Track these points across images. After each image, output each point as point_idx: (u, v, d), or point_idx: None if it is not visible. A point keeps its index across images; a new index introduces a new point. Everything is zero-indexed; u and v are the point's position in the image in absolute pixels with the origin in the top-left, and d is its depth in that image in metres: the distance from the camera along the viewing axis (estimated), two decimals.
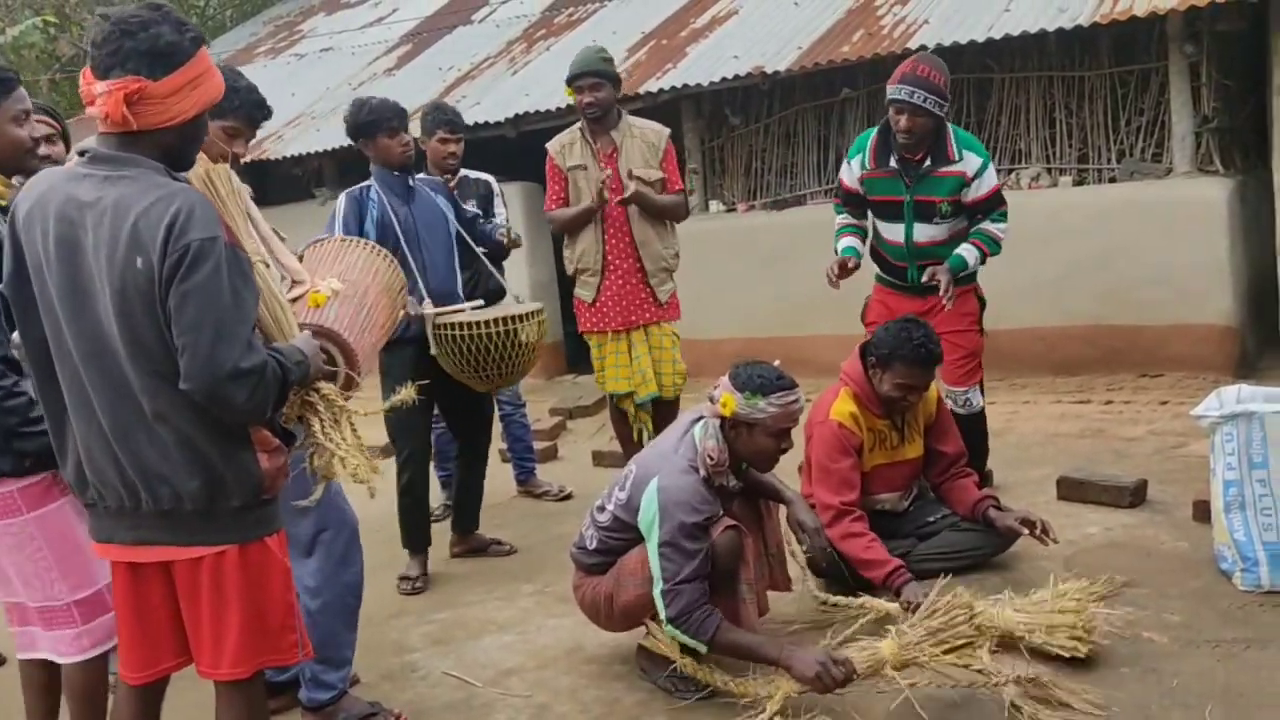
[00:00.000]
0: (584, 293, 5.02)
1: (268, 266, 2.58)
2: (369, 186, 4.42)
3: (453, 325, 4.19)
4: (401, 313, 3.23)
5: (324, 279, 2.94)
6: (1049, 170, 7.06)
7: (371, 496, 2.61)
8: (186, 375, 2.18)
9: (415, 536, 4.60)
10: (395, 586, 4.48)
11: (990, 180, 4.37)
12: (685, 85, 7.75)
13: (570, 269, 5.07)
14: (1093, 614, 3.24)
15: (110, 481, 2.33)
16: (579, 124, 4.99)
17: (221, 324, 2.18)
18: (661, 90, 7.83)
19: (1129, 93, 6.85)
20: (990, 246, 4.39)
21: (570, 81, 4.90)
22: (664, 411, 5.01)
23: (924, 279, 4.33)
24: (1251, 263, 6.64)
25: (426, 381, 3.41)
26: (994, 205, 4.41)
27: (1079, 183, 6.95)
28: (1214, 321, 6.39)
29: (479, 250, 4.71)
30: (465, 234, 4.65)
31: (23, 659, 3.02)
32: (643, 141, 4.93)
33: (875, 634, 3.44)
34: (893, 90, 4.25)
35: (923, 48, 6.81)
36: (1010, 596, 3.34)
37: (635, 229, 4.90)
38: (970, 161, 4.33)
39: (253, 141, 4.44)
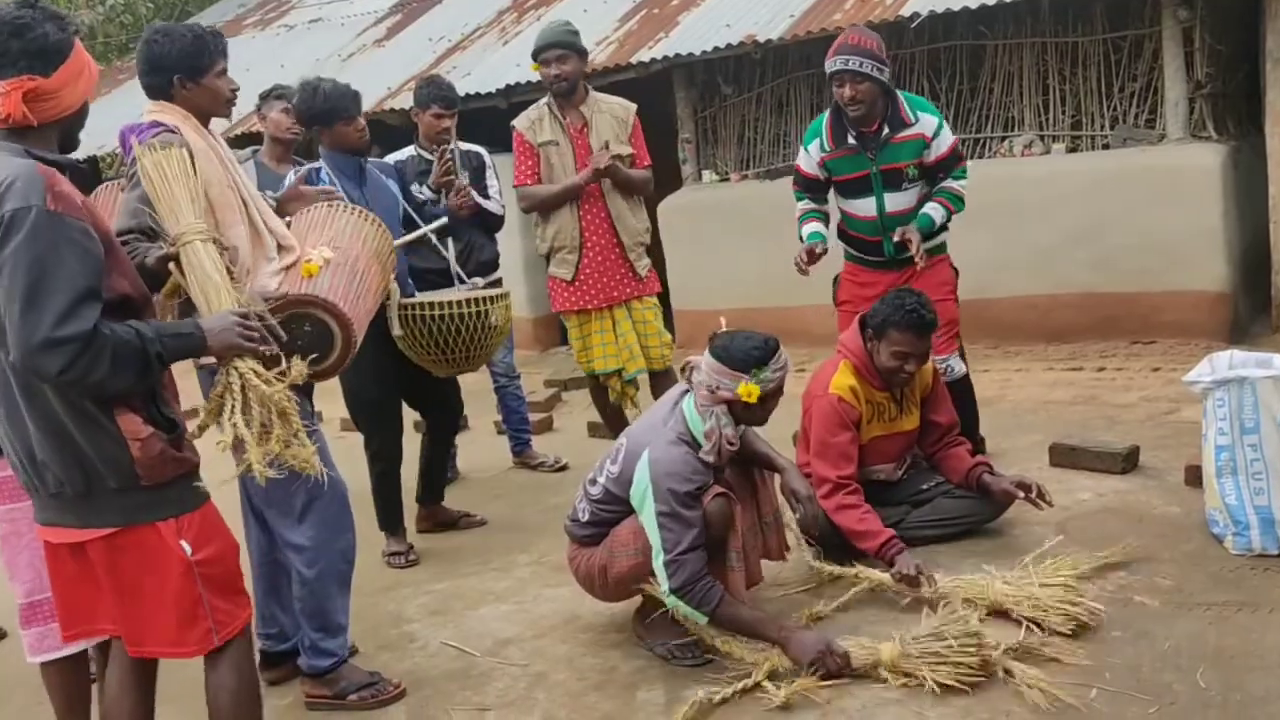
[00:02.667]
0: (561, 271, 4.94)
1: (217, 244, 2.55)
2: (319, 168, 4.28)
3: (422, 305, 4.06)
4: (393, 277, 3.22)
5: (315, 247, 2.93)
6: (1042, 137, 7.05)
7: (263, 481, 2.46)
8: (8, 347, 2.19)
9: (393, 517, 4.54)
10: (385, 563, 4.46)
11: (948, 137, 4.41)
12: (677, 55, 7.71)
13: (544, 248, 4.99)
14: (1082, 587, 3.27)
15: (14, 463, 2.40)
16: (545, 100, 4.94)
17: (32, 292, 2.14)
18: (654, 60, 7.79)
19: (1122, 58, 6.82)
20: (954, 203, 4.42)
21: (536, 55, 4.84)
22: (660, 382, 5.02)
23: (895, 238, 4.35)
24: (1244, 228, 6.65)
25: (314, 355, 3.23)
26: (954, 162, 4.44)
27: (1072, 150, 6.94)
28: (1207, 287, 6.40)
29: (428, 232, 4.49)
30: (415, 215, 4.52)
31: (45, 661, 2.97)
32: (611, 117, 4.88)
33: (868, 604, 3.50)
34: (830, 64, 4.27)
35: (915, 15, 6.79)
36: (997, 570, 3.37)
37: (610, 204, 4.86)
38: (926, 122, 4.36)
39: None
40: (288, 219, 3.18)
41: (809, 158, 4.56)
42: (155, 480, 2.35)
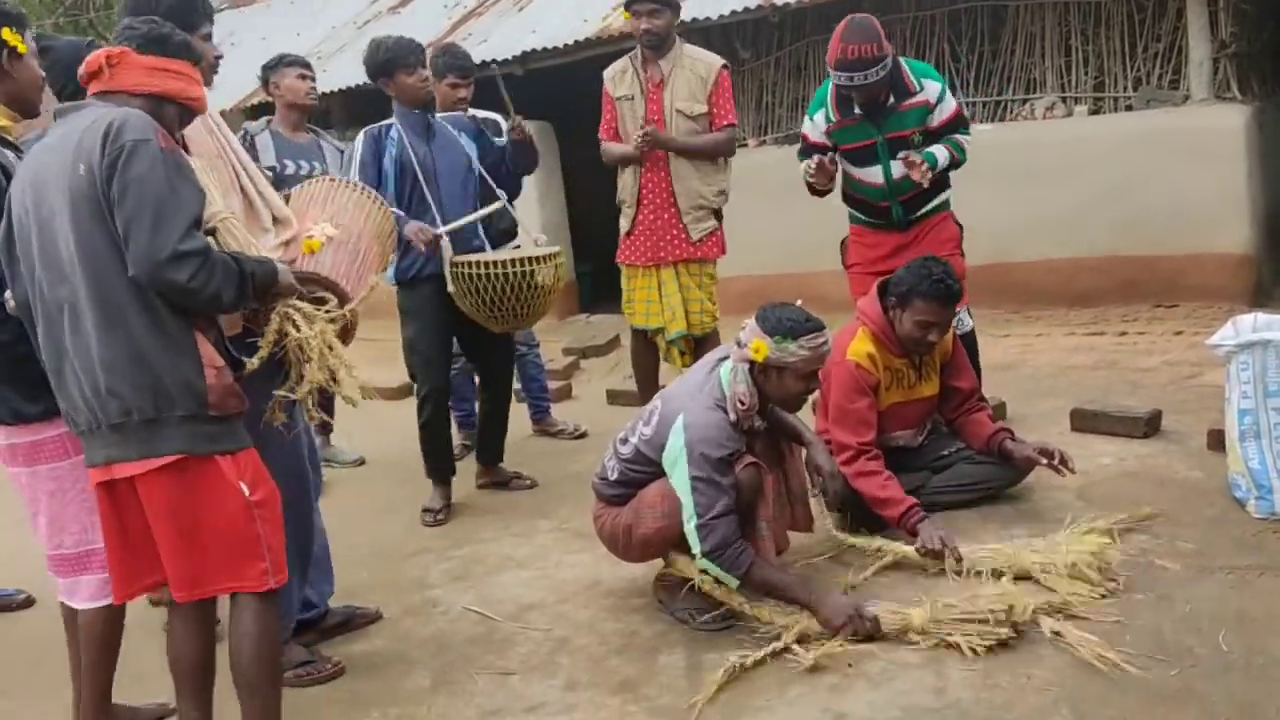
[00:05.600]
0: (623, 223, 4.98)
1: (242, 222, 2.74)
2: (390, 125, 4.42)
3: (470, 264, 4.19)
4: (392, 255, 3.24)
5: (318, 223, 2.93)
6: (1064, 100, 6.97)
7: (354, 405, 2.84)
8: (132, 260, 2.38)
9: (439, 466, 4.65)
10: (419, 518, 4.56)
11: (951, 103, 4.43)
12: (694, 19, 7.64)
13: (618, 199, 5.02)
14: (1110, 552, 3.30)
15: (77, 404, 2.51)
16: (634, 50, 4.90)
17: (159, 211, 2.38)
18: None
19: (1146, 19, 6.73)
20: (957, 151, 4.41)
21: (629, 6, 4.78)
22: (703, 349, 5.00)
23: (899, 158, 4.32)
24: (1269, 190, 6.58)
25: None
26: (959, 124, 4.46)
27: (1095, 112, 6.87)
28: (1230, 250, 6.34)
29: (499, 192, 4.63)
30: (488, 175, 4.59)
31: (89, 608, 3.02)
32: (691, 73, 4.80)
33: (894, 571, 3.53)
34: (833, 75, 4.25)
35: None
36: (1028, 540, 3.37)
37: (673, 165, 4.81)
38: (930, 89, 4.36)
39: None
40: (286, 193, 3.17)
41: (814, 127, 4.54)
42: (221, 411, 2.52)
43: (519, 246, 4.95)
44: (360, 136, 4.42)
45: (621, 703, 2.99)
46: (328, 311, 2.78)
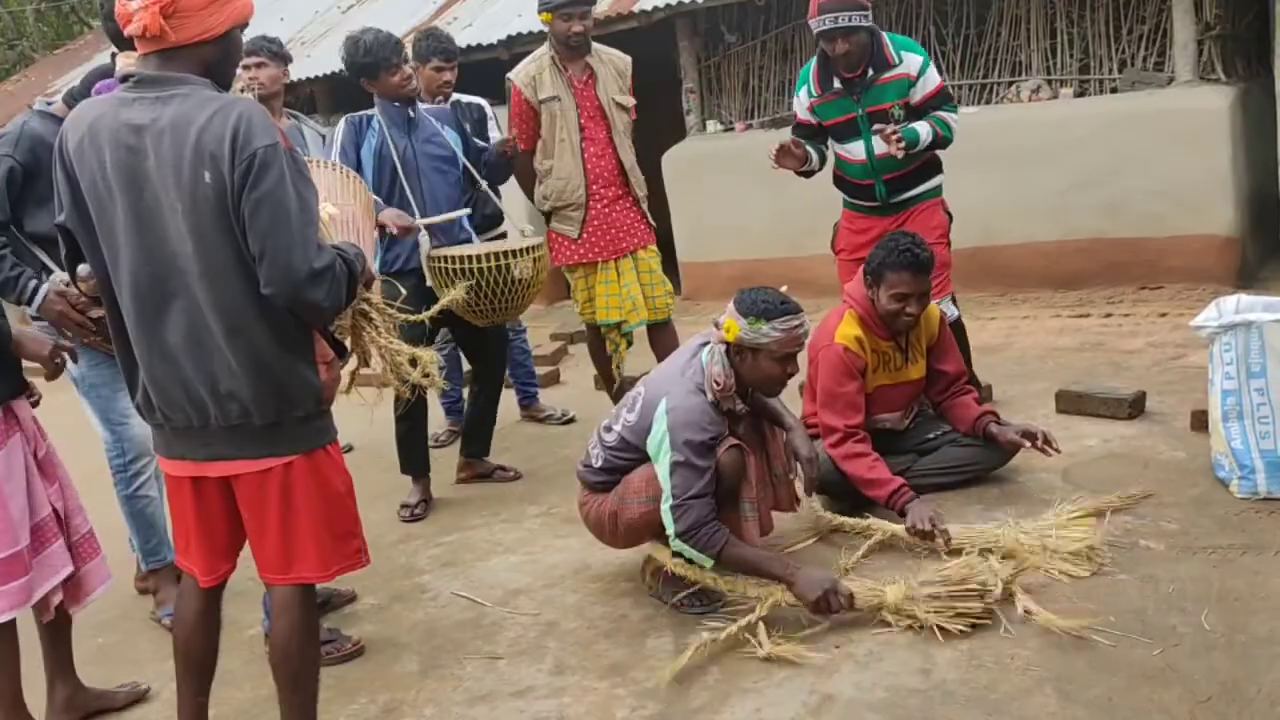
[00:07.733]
0: (567, 228, 4.82)
1: None
2: (371, 115, 4.39)
3: (446, 258, 4.14)
4: (376, 232, 3.24)
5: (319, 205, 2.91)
6: (1050, 82, 6.98)
7: (411, 396, 2.81)
8: (268, 281, 2.25)
9: (414, 461, 4.61)
10: (395, 514, 4.53)
11: (935, 77, 4.40)
12: (680, 2, 7.61)
13: (545, 205, 4.88)
14: (1097, 533, 3.32)
15: (177, 401, 2.39)
16: (546, 53, 4.78)
17: (294, 229, 2.24)
18: (656, 8, 7.70)
19: (1131, 1, 6.74)
20: (942, 128, 4.36)
21: (555, 9, 4.66)
22: (660, 333, 4.98)
23: (874, 131, 4.32)
24: (1253, 172, 6.60)
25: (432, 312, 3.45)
26: (943, 100, 4.43)
27: (1080, 94, 6.88)
28: (1215, 232, 6.36)
29: (483, 182, 4.62)
30: (471, 167, 4.56)
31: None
32: (613, 68, 4.83)
33: (881, 553, 3.54)
34: (816, 23, 4.25)
35: None
36: (1016, 522, 3.39)
37: (623, 156, 4.79)
38: (911, 61, 4.35)
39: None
40: None
41: (800, 103, 4.59)
42: (331, 402, 2.47)
43: (505, 237, 4.92)
44: (341, 124, 4.38)
45: (609, 686, 3.01)
46: (386, 304, 2.71)
